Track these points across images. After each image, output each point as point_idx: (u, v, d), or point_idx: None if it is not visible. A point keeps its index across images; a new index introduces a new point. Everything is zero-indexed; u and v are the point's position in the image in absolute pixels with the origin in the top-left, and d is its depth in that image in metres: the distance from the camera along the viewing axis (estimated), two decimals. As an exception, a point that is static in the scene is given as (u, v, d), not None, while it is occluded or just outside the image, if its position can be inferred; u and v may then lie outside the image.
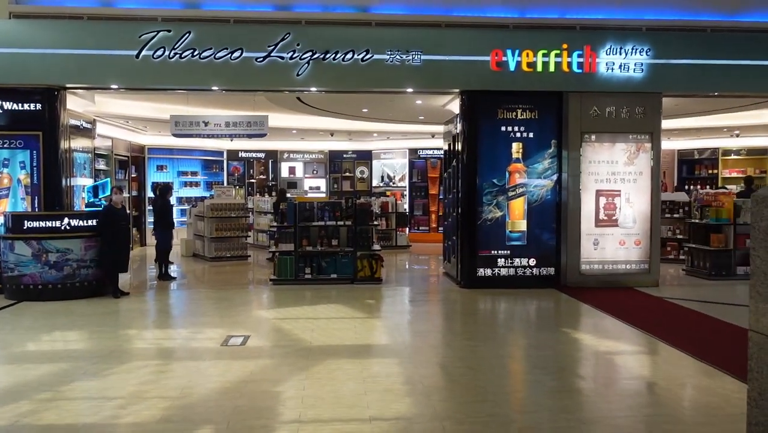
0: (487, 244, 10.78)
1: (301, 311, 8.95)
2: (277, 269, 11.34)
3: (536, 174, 10.80)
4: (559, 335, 7.56)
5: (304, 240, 11.32)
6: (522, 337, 7.56)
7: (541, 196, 10.82)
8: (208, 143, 20.44)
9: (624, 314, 8.59)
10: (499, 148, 10.77)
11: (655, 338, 7.22)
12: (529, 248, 10.82)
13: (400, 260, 15.70)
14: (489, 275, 10.78)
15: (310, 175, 21.84)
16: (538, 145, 10.80)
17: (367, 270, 11.35)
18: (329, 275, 11.33)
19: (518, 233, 10.84)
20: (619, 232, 10.97)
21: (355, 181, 21.80)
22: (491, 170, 10.78)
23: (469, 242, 10.86)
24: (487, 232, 10.77)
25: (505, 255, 10.79)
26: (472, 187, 10.80)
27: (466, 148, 10.84)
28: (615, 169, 10.92)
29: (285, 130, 17.94)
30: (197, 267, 14.23)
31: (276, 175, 21.66)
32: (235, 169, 21.57)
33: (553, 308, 9.54)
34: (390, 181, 21.08)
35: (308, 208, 11.39)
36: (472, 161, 10.80)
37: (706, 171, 20.12)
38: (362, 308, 9.12)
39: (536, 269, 10.83)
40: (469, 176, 10.83)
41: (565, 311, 9.28)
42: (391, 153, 21.04)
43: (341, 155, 21.76)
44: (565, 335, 7.63)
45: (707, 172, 20.08)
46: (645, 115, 10.89)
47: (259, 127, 11.47)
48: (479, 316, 9.07)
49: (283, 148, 21.62)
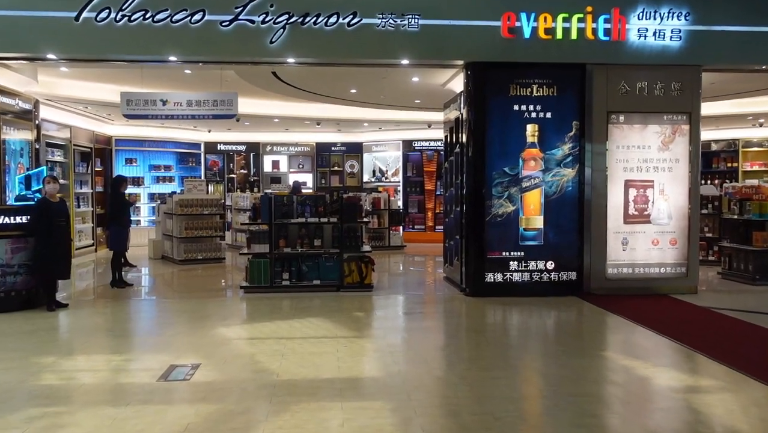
0: (497, 244, 9.12)
1: (272, 327, 7.26)
2: (250, 274, 9.63)
3: (555, 162, 9.15)
4: (600, 362, 5.89)
5: (281, 240, 9.62)
6: (553, 364, 5.88)
7: (561, 188, 9.17)
8: (183, 134, 18.72)
9: (670, 329, 6.95)
10: (511, 131, 9.11)
11: (726, 366, 5.57)
12: (546, 248, 9.17)
13: (394, 262, 14.02)
14: (499, 281, 9.12)
15: (296, 170, 20.13)
16: (557, 127, 9.14)
17: (356, 275, 9.67)
18: (311, 281, 9.64)
19: (533, 231, 9.19)
20: (652, 229, 9.33)
21: (344, 176, 20.11)
22: (502, 157, 9.12)
23: (475, 243, 9.20)
24: (496, 230, 9.12)
25: (519, 257, 9.14)
26: (479, 178, 9.14)
27: (472, 131, 9.18)
28: (647, 156, 9.29)
29: (265, 118, 16.23)
30: (164, 271, 12.52)
31: (258, 170, 19.94)
32: (213, 163, 19.84)
33: (580, 321, 7.89)
34: (382, 176, 19.42)
35: (286, 202, 9.69)
36: (479, 147, 9.14)
37: (725, 164, 18.55)
38: (348, 323, 7.44)
39: (555, 273, 9.18)
40: (475, 165, 9.16)
41: (596, 326, 7.63)
42: (384, 145, 19.36)
43: (329, 148, 20.06)
44: (607, 361, 5.97)
45: (726, 166, 18.50)
46: (682, 91, 9.26)
47: (227, 107, 9.77)
48: (492, 333, 7.39)
49: (265, 141, 19.90)
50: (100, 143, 16.45)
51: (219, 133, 19.42)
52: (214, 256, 13.39)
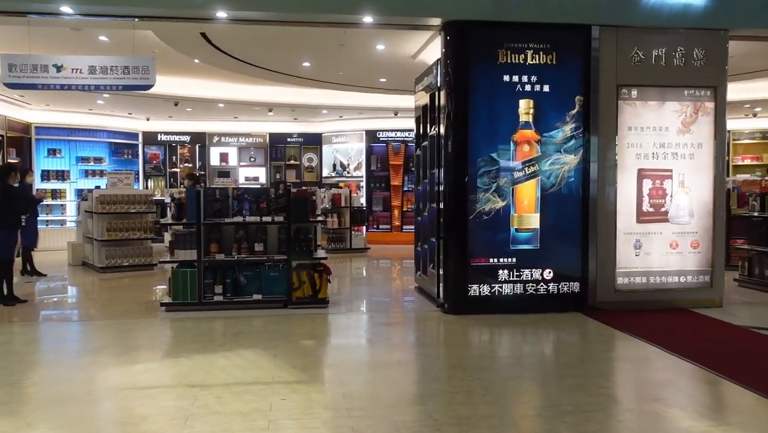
0: (483, 248, 7.33)
1: (188, 366, 5.30)
2: (173, 287, 7.64)
3: (554, 146, 7.40)
4: (626, 414, 4.12)
5: (212, 245, 7.66)
6: (565, 423, 4.08)
7: (561, 179, 7.42)
8: (117, 122, 16.50)
9: (704, 356, 5.26)
10: (500, 107, 7.33)
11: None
12: (543, 253, 7.41)
13: (356, 268, 12.14)
14: (486, 295, 7.33)
15: (247, 164, 18.07)
16: (556, 103, 7.39)
17: (308, 288, 7.76)
18: (250, 295, 7.70)
19: (528, 233, 7.42)
20: (670, 230, 7.65)
21: (302, 170, 18.14)
22: (489, 141, 7.33)
23: (456, 247, 7.39)
24: (482, 231, 7.32)
25: (510, 265, 7.36)
26: (460, 167, 7.33)
27: (452, 109, 7.36)
28: (664, 139, 7.61)
29: (209, 103, 14.15)
30: (79, 281, 10.42)
31: (204, 163, 17.83)
32: (153, 156, 17.65)
33: (589, 348, 6.13)
34: (344, 170, 17.52)
35: (219, 197, 7.72)
36: (460, 128, 7.32)
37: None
38: (293, 358, 5.53)
39: (553, 284, 7.43)
40: (455, 150, 7.35)
41: (609, 354, 5.89)
42: (345, 136, 17.45)
43: (284, 139, 18.04)
44: (637, 413, 4.19)
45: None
46: (706, 61, 7.61)
47: (142, 76, 7.74)
48: (482, 371, 5.52)
49: (212, 130, 17.78)
50: (15, 131, 14.18)
51: (159, 122, 17.26)
52: (143, 262, 11.29)
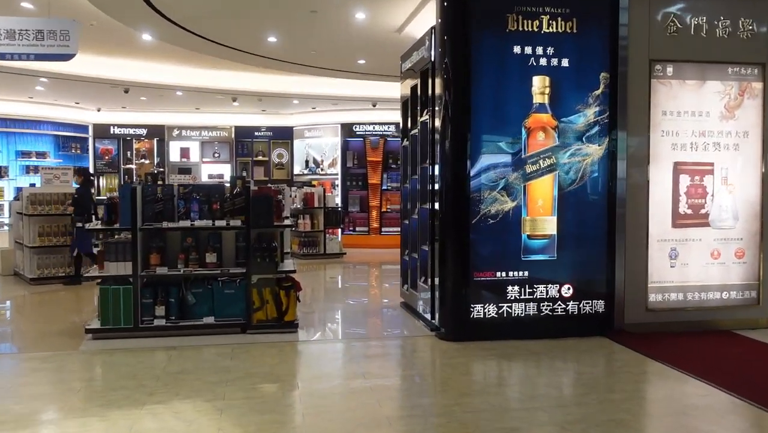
0: (489, 259, 5.94)
1: (96, 431, 3.81)
2: (102, 309, 6.12)
3: (574, 134, 6.04)
4: None
5: (153, 255, 6.16)
6: None
7: (583, 174, 6.07)
8: (64, 113, 14.83)
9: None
10: (509, 85, 5.95)
11: None
12: (561, 265, 6.05)
13: (330, 276, 10.69)
14: (492, 317, 5.95)
15: (211, 160, 16.47)
16: (577, 81, 6.04)
17: (272, 308, 6.30)
18: (200, 318, 6.21)
19: (542, 240, 6.05)
20: (711, 236, 6.36)
21: (271, 167, 16.61)
22: (495, 127, 5.95)
23: (455, 257, 5.99)
24: (488, 238, 5.93)
25: (521, 279, 5.99)
26: (460, 159, 5.93)
27: (450, 88, 5.96)
28: (704, 127, 6.31)
29: (165, 90, 12.57)
30: (7, 295, 8.81)
31: (163, 159, 16.20)
32: (105, 151, 15.98)
33: (625, 386, 4.76)
34: (317, 167, 16.03)
35: (161, 196, 6.22)
36: (460, 111, 5.93)
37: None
38: (244, 418, 4.06)
39: (574, 303, 6.08)
40: (455, 139, 5.96)
41: (653, 393, 4.54)
42: (319, 130, 15.96)
43: (252, 133, 16.48)
44: None
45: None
46: (755, 34, 6.32)
47: (60, 43, 6.10)
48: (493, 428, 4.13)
49: (172, 123, 16.15)
50: (-60, 121, 12.45)
51: (112, 113, 15.60)
52: (82, 273, 9.68)
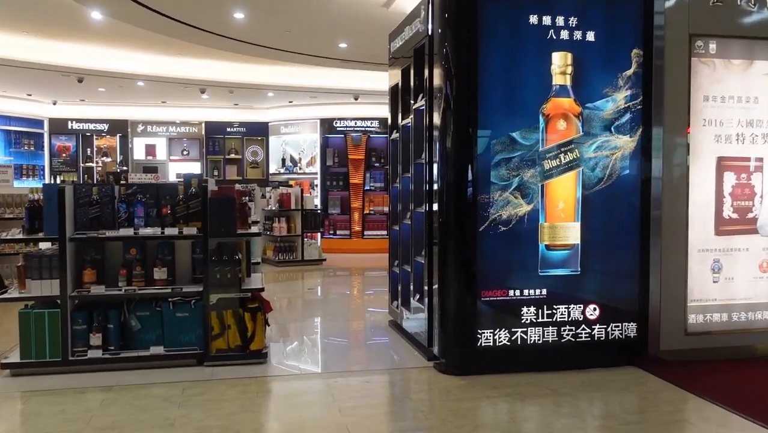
0: (500, 275, 4.89)
1: None
2: (22, 338, 4.94)
3: (600, 123, 5.01)
4: None
5: (87, 271, 5.01)
6: None
7: (611, 171, 5.04)
8: (14, 106, 13.50)
9: None
10: (523, 63, 4.90)
11: None
12: (585, 281, 5.02)
13: (308, 287, 9.59)
14: (503, 344, 4.88)
15: (179, 158, 15.24)
16: (604, 59, 5.01)
17: (234, 334, 5.17)
18: (147, 348, 5.07)
19: (564, 250, 5.01)
20: (760, 244, 5.36)
21: (245, 165, 15.43)
22: (507, 114, 4.89)
23: (459, 272, 4.92)
24: (498, 249, 4.87)
25: (538, 299, 4.94)
26: (465, 153, 4.87)
27: (452, 67, 4.89)
28: (753, 116, 5.31)
29: (123, 79, 11.34)
30: None
31: (127, 157, 14.93)
32: (62, 148, 14.67)
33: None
34: (294, 165, 14.91)
35: (97, 198, 5.06)
36: (464, 95, 4.86)
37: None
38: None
39: (600, 327, 5.05)
40: (458, 130, 4.89)
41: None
42: (296, 126, 14.83)
43: (224, 129, 15.28)
44: None
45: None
46: (810, 4, 5.36)
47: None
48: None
49: (136, 117, 14.89)
50: None
51: (69, 106, 14.31)
52: (23, 285, 8.46)
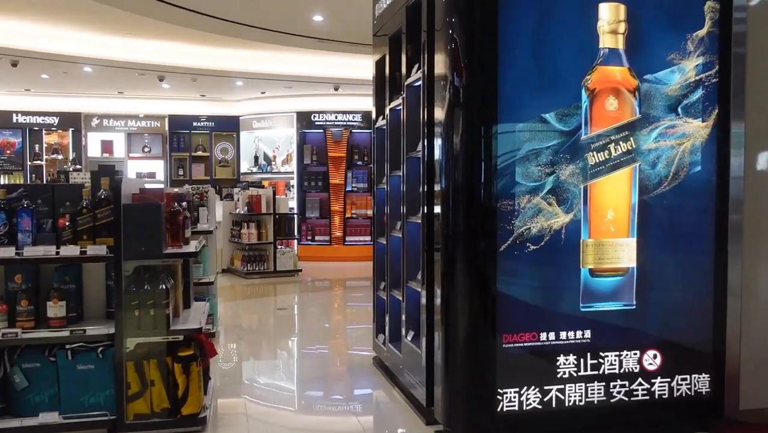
0: (527, 312, 3.52)
1: None
2: None
3: (663, 101, 3.66)
4: None
5: (-50, 307, 3.58)
6: None
7: (677, 168, 3.69)
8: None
9: None
10: (560, 19, 3.54)
11: None
12: (642, 318, 3.67)
13: (279, 307, 8.18)
14: (533, 408, 3.52)
15: (140, 155, 13.71)
16: (668, 13, 3.66)
17: (161, 393, 3.74)
18: (35, 413, 3.62)
19: (614, 277, 3.65)
20: None
21: (213, 164, 13.93)
22: (537, 88, 3.52)
23: (471, 308, 3.55)
24: (525, 275, 3.50)
25: (579, 344, 3.58)
26: (477, 142, 3.50)
27: (462, 24, 3.52)
28: None
29: (66, 64, 9.81)
30: None
31: (80, 155, 13.40)
32: (6, 144, 13.09)
33: None
34: (269, 164, 13.48)
35: (-36, 205, 3.63)
36: (479, 61, 3.50)
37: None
38: None
39: (662, 380, 3.70)
40: (469, 106, 3.52)
41: None
42: (270, 120, 13.38)
43: (189, 123, 13.76)
44: None
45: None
46: None
47: None
48: None
49: (90, 110, 13.33)
50: None
51: (13, 97, 12.76)
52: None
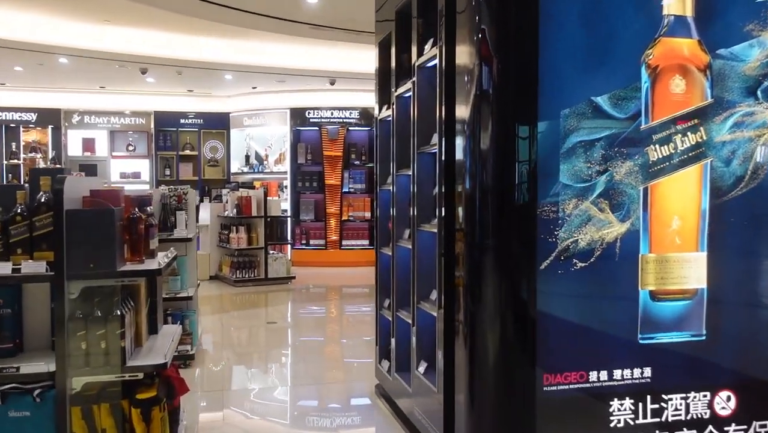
0: (572, 347, 2.79)
1: None
2: None
3: (740, 82, 2.94)
4: None
5: None
6: None
7: (755, 166, 2.97)
8: None
9: None
10: (615, -23, 2.83)
11: None
12: (714, 352, 2.94)
13: (268, 320, 7.43)
14: (579, 465, 2.81)
15: (124, 154, 12.95)
16: (749, -27, 2.97)
17: (115, 444, 3.01)
18: (-47, 475, 2.90)
19: (680, 301, 2.92)
20: None
21: (201, 163, 13.18)
22: (587, 64, 2.79)
23: (503, 340, 2.82)
24: (570, 299, 2.78)
25: (637, 385, 2.85)
26: (510, 130, 2.77)
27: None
28: None
29: (38, 53, 9.03)
30: None
31: (60, 153, 12.64)
32: (-20, 142, 12.37)
33: None
34: (260, 164, 12.75)
35: None
36: (514, 32, 2.78)
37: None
38: None
39: (736, 428, 2.98)
40: (502, 87, 2.79)
41: None
42: (262, 116, 12.65)
43: (177, 120, 13.01)
44: None
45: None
46: None
47: None
48: None
49: (71, 106, 12.56)
50: None
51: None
52: None
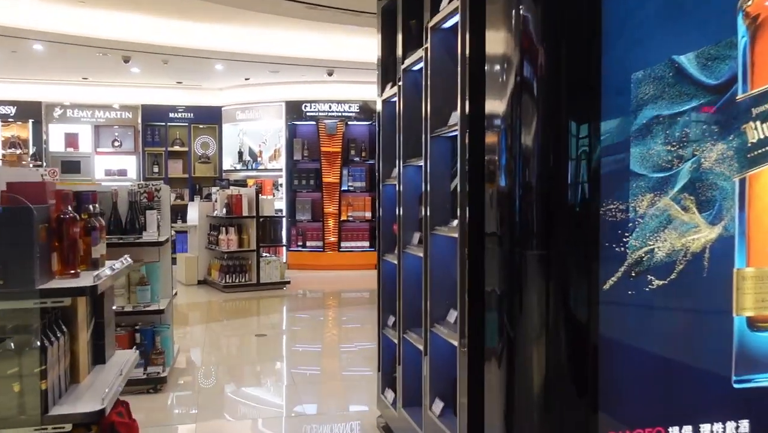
0: (645, 390, 2.12)
1: None
2: None
3: None
4: None
5: None
6: None
7: None
8: None
9: None
10: None
11: None
12: (822, 395, 2.30)
13: (257, 333, 6.75)
14: None
15: (109, 150, 12.25)
16: None
17: None
18: None
19: (780, 330, 2.28)
20: None
21: (192, 160, 12.49)
22: (666, 17, 2.13)
23: (554, 381, 2.15)
24: (643, 329, 2.12)
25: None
26: (558, 99, 2.11)
27: None
28: None
29: (12, 40, 8.36)
30: None
31: (41, 149, 11.94)
32: (-44, 136, 11.69)
33: None
34: (254, 160, 12.10)
35: None
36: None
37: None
38: None
39: None
40: (552, 48, 2.12)
41: None
42: (256, 110, 11.98)
43: (165, 114, 12.32)
44: None
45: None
46: None
47: None
48: None
49: (52, 99, 11.87)
50: None
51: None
52: None
